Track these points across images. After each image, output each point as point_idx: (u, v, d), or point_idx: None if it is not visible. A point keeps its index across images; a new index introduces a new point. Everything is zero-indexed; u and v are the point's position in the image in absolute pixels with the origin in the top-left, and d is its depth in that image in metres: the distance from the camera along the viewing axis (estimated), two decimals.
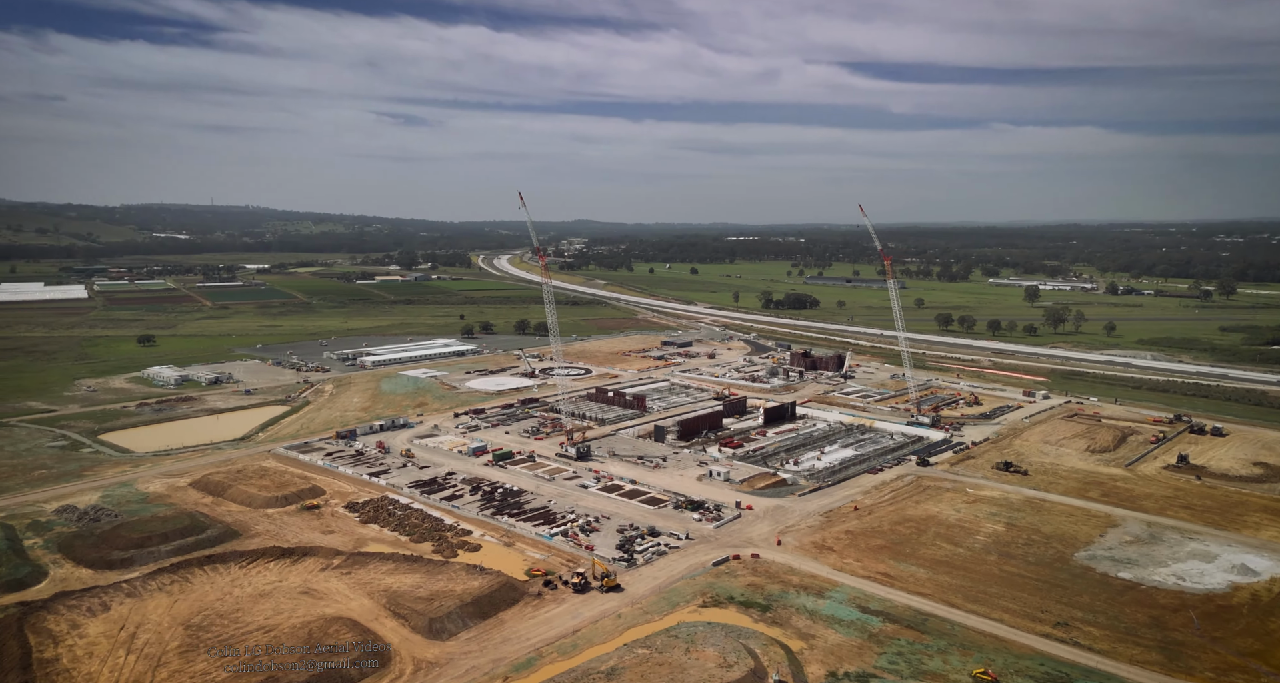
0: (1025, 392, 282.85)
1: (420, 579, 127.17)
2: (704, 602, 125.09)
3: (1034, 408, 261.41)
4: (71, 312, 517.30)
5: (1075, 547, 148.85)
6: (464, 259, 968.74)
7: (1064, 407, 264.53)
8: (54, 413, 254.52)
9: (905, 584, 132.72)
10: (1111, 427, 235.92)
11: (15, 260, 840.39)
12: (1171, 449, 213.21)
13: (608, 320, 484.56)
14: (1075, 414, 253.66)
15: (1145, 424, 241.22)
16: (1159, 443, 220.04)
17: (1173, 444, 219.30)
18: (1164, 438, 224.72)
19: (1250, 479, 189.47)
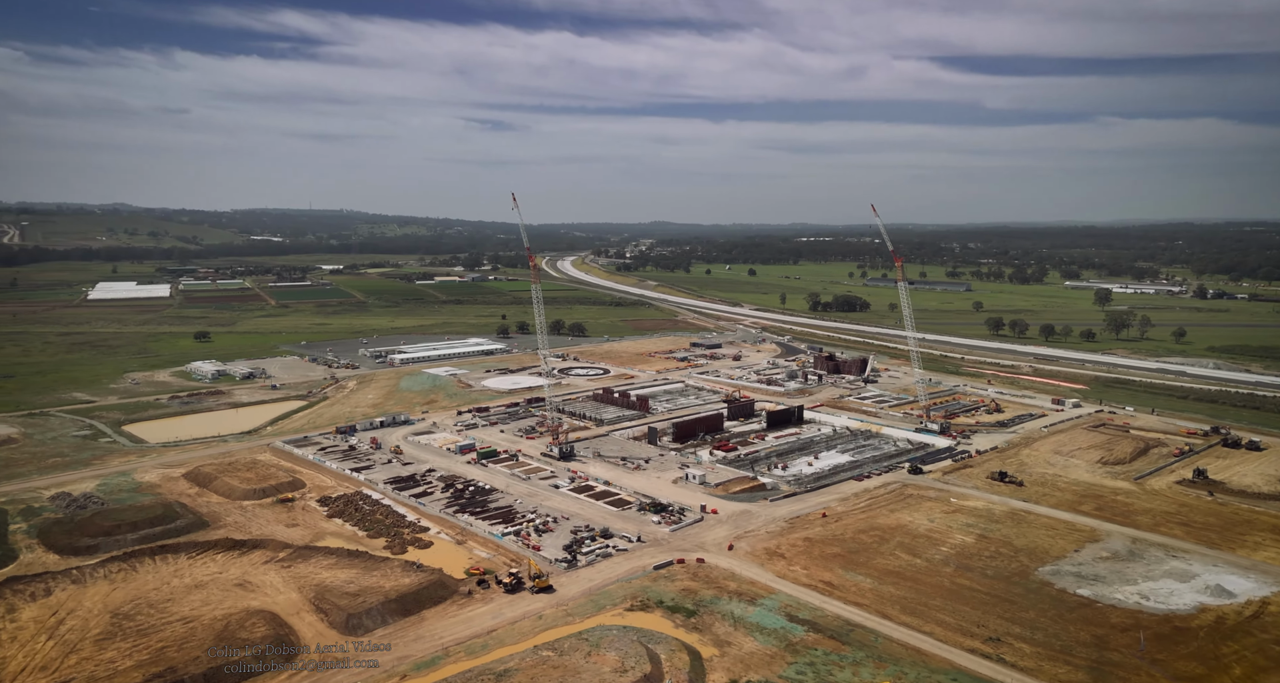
0: (1055, 400, 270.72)
1: (355, 575, 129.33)
2: (631, 606, 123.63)
3: (1058, 417, 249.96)
4: (149, 309, 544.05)
5: (1043, 561, 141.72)
6: (527, 261, 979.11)
7: (1092, 416, 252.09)
8: (92, 404, 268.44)
9: (845, 594, 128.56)
10: (1137, 438, 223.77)
11: (122, 261, 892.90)
12: (1194, 463, 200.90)
13: (646, 321, 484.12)
14: (1102, 425, 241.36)
15: (1176, 436, 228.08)
16: (1182, 456, 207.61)
17: (1197, 458, 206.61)
18: (1189, 451, 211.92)
19: (1269, 497, 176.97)
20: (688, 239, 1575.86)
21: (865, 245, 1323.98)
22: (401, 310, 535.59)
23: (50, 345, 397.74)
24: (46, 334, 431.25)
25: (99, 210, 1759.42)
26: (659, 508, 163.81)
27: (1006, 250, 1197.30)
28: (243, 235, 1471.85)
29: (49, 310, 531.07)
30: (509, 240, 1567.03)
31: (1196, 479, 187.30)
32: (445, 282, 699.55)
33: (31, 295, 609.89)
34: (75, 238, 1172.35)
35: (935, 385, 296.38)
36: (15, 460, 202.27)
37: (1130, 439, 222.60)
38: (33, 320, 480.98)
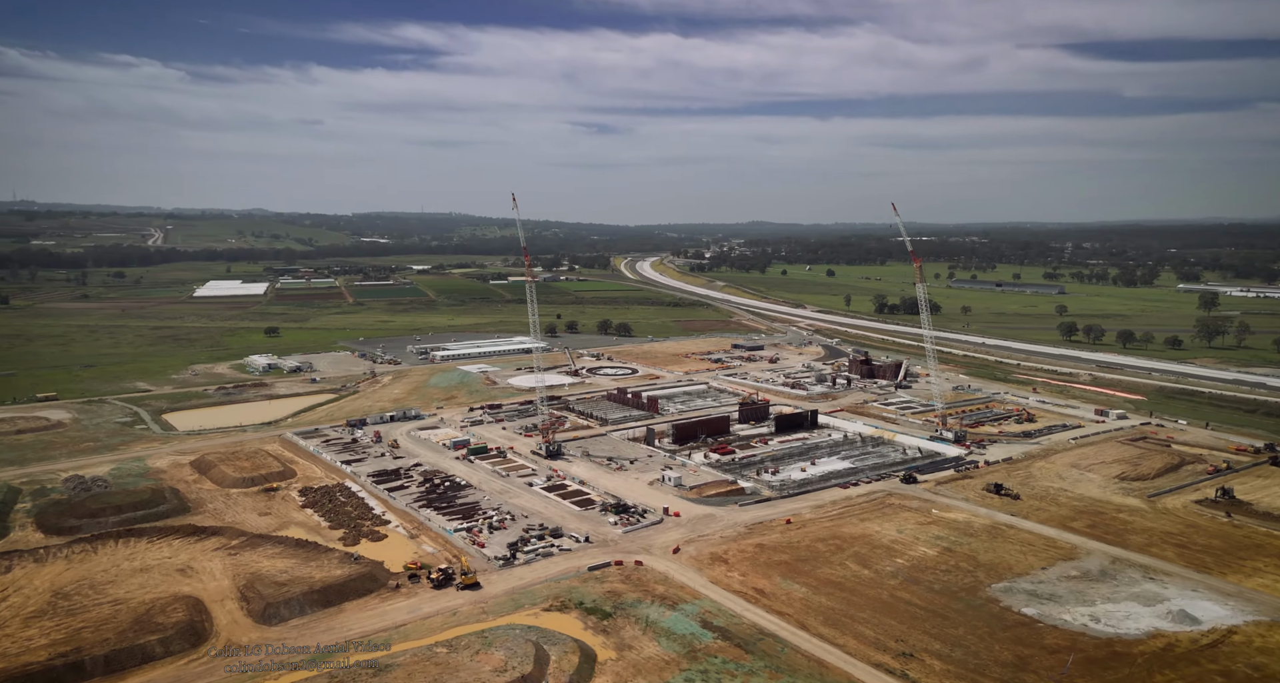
0: (1098, 410, 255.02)
1: (293, 564, 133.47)
2: (550, 606, 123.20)
3: (1096, 428, 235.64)
4: (240, 306, 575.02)
5: (1000, 578, 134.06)
6: (604, 261, 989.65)
7: (1135, 429, 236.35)
8: (148, 393, 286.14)
9: (772, 603, 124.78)
10: (1173, 453, 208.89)
11: (240, 261, 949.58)
12: (1227, 482, 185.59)
13: (698, 322, 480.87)
14: (1142, 438, 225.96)
15: (1222, 452, 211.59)
16: (1216, 474, 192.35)
17: (1234, 477, 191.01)
18: (1226, 469, 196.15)
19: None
20: (779, 239, 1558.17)
21: (964, 245, 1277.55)
22: (465, 309, 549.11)
23: (140, 338, 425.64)
24: (141, 327, 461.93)
25: (236, 215, 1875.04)
26: (620, 509, 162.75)
27: (1125, 250, 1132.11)
28: (354, 237, 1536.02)
29: (156, 306, 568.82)
30: (602, 241, 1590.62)
31: (1219, 499, 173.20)
32: (517, 282, 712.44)
33: (149, 292, 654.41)
34: (208, 240, 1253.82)
35: (972, 393, 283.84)
36: (54, 444, 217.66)
37: (1165, 454, 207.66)
38: (139, 315, 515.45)
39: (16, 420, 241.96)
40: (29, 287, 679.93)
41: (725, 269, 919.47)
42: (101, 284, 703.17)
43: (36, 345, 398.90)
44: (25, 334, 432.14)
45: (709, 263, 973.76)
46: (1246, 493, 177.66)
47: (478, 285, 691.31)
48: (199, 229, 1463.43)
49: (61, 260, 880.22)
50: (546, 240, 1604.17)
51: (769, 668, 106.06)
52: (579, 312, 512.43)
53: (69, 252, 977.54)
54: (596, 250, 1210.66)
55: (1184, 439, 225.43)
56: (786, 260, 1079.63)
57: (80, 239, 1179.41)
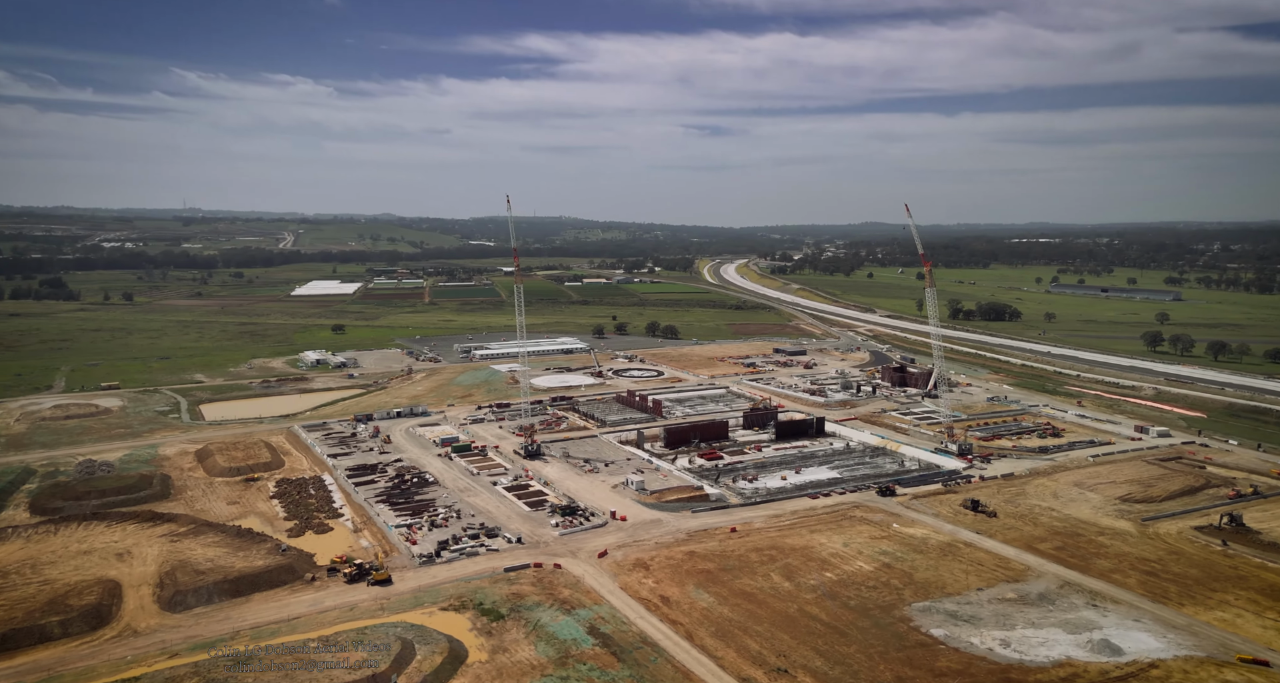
0: (1137, 427, 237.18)
1: (223, 553, 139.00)
2: (447, 605, 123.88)
3: (1126, 446, 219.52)
4: (325, 304, 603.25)
5: (928, 596, 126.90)
6: (688, 263, 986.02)
7: (1172, 448, 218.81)
8: (199, 384, 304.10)
9: (670, 612, 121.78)
10: (1200, 475, 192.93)
11: (351, 263, 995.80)
12: (1246, 508, 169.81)
13: (752, 325, 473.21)
14: (1177, 458, 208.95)
15: (1263, 477, 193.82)
16: (1237, 499, 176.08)
17: (1255, 503, 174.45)
18: (1250, 494, 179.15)
19: None
20: (885, 241, 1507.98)
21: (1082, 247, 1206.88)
22: (528, 309, 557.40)
23: (223, 333, 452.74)
24: (228, 323, 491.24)
25: (363, 219, 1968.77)
26: (568, 511, 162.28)
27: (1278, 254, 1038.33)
28: (463, 240, 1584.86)
29: (254, 303, 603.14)
30: (700, 244, 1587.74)
31: (1224, 526, 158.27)
32: (590, 284, 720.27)
33: (255, 291, 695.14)
34: (331, 243, 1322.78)
35: (1007, 404, 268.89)
36: (91, 429, 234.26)
37: (1188, 476, 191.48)
38: (234, 312, 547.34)
39: (71, 407, 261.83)
40: (159, 285, 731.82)
41: (808, 271, 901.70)
42: (220, 283, 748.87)
43: (132, 338, 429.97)
44: (129, 328, 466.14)
45: (793, 265, 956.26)
46: (1260, 521, 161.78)
47: (551, 287, 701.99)
48: (326, 233, 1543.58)
49: (197, 261, 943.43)
50: (643, 243, 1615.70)
51: (633, 678, 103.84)
52: (636, 313, 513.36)
53: (206, 253, 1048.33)
54: (691, 252, 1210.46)
55: (1224, 461, 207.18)
56: (880, 263, 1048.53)
57: (224, 242, 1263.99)
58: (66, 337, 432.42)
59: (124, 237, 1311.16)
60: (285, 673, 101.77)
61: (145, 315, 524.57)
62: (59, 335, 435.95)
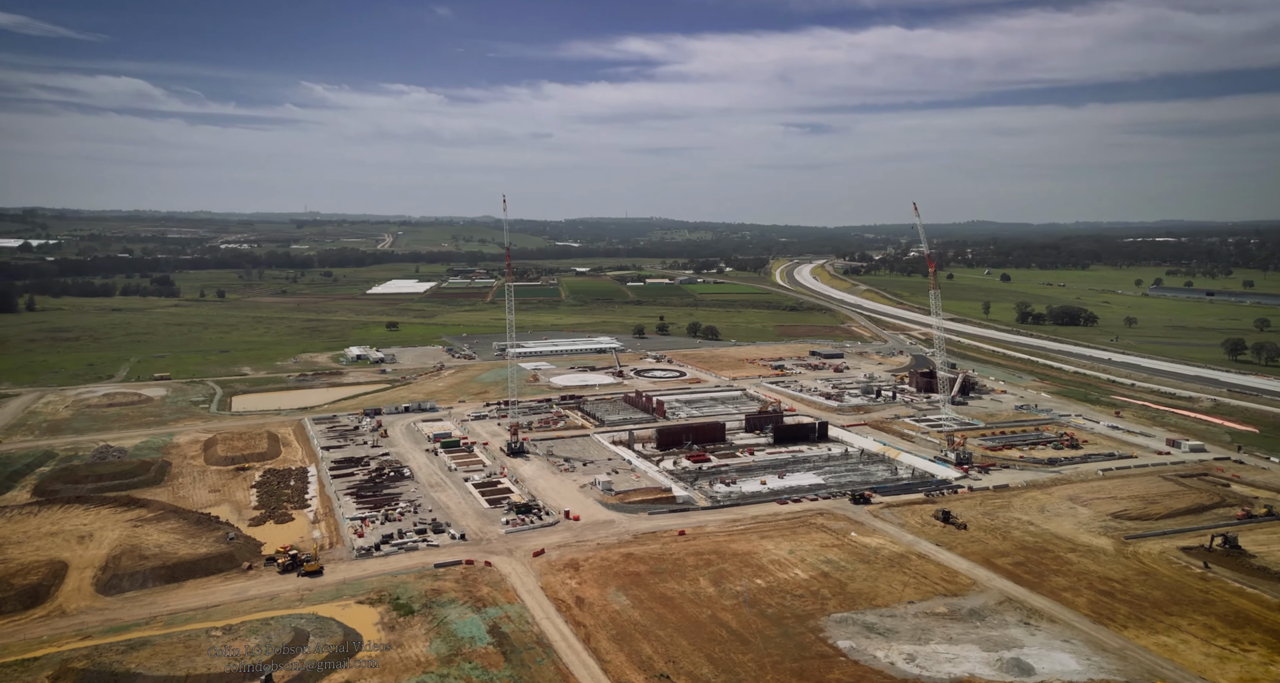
0: (1170, 440, 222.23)
1: (174, 540, 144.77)
2: (364, 599, 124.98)
3: (1148, 460, 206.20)
4: (393, 302, 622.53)
5: (852, 607, 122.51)
6: (761, 263, 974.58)
7: (1201, 464, 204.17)
8: (242, 377, 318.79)
9: (579, 614, 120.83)
10: (1218, 493, 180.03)
11: (437, 263, 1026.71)
12: (1251, 531, 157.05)
13: (802, 327, 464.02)
14: (1201, 474, 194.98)
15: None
16: (1247, 520, 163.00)
17: (1267, 525, 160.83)
18: (1263, 515, 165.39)
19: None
20: (984, 239, 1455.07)
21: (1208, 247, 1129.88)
22: (583, 308, 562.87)
23: (288, 329, 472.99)
24: (296, 320, 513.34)
25: (462, 222, 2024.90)
26: (524, 510, 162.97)
27: None
28: (551, 241, 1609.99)
29: (329, 300, 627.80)
30: (788, 244, 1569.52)
31: (1214, 547, 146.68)
32: (653, 283, 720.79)
33: (336, 289, 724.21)
34: (425, 244, 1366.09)
35: (1035, 412, 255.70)
36: (126, 417, 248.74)
37: (1202, 493, 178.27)
38: (308, 308, 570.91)
39: (118, 395, 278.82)
40: (253, 283, 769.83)
41: (884, 272, 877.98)
42: (308, 282, 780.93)
43: (206, 332, 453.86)
44: (208, 322, 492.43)
45: (869, 266, 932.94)
46: (1260, 544, 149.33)
47: (611, 287, 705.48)
48: (423, 234, 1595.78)
49: (295, 261, 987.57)
50: (727, 243, 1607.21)
51: (511, 678, 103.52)
52: (686, 314, 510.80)
53: (307, 254, 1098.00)
54: (775, 252, 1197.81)
55: (1254, 479, 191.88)
56: (968, 263, 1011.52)
57: (328, 244, 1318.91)
58: (150, 330, 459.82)
59: (243, 238, 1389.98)
60: (169, 660, 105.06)
61: (228, 311, 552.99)
62: (144, 329, 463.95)
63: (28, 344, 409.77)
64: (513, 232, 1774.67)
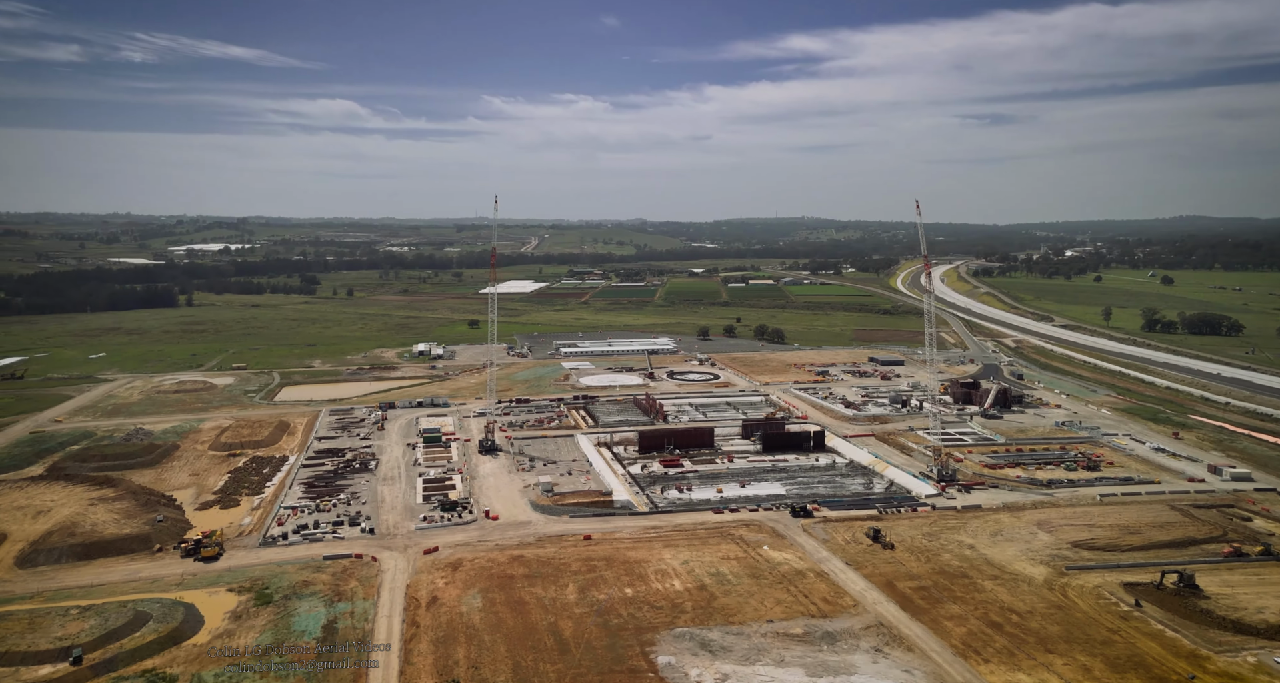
0: (1211, 467, 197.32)
1: (114, 518, 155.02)
2: (236, 587, 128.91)
3: (1164, 487, 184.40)
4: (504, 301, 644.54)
5: (703, 623, 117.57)
6: (887, 264, 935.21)
7: (1231, 494, 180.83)
8: (307, 369, 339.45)
9: (424, 615, 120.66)
10: (1220, 526, 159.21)
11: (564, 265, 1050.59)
12: (1229, 571, 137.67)
13: (882, 331, 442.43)
14: (1224, 505, 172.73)
15: None
16: (1234, 557, 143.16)
17: (1254, 566, 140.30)
18: (1257, 556, 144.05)
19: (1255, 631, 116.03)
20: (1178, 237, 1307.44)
21: None
22: (668, 310, 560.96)
23: (383, 325, 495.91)
24: (394, 317, 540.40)
25: (610, 224, 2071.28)
26: (448, 507, 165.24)
27: None
28: (687, 243, 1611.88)
29: (439, 299, 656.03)
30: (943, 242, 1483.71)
31: (1165, 585, 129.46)
32: (755, 284, 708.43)
33: (453, 289, 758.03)
34: (566, 246, 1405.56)
35: (1073, 430, 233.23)
36: (182, 402, 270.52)
37: (1204, 526, 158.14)
38: (415, 307, 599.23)
39: (189, 382, 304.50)
40: (385, 283, 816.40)
41: (1020, 275, 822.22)
42: (436, 282, 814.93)
43: (311, 327, 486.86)
44: (320, 318, 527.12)
45: (1006, 267, 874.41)
46: (1226, 586, 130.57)
47: (710, 288, 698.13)
48: (568, 237, 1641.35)
49: (434, 263, 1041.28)
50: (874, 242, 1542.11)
51: (306, 676, 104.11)
52: (769, 315, 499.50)
53: (450, 255, 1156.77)
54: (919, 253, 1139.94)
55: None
56: (1132, 265, 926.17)
57: (478, 246, 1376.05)
58: (267, 325, 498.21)
59: (406, 242, 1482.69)
60: (10, 633, 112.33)
61: (344, 308, 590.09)
62: (262, 323, 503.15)
63: (161, 335, 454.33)
64: (654, 233, 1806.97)
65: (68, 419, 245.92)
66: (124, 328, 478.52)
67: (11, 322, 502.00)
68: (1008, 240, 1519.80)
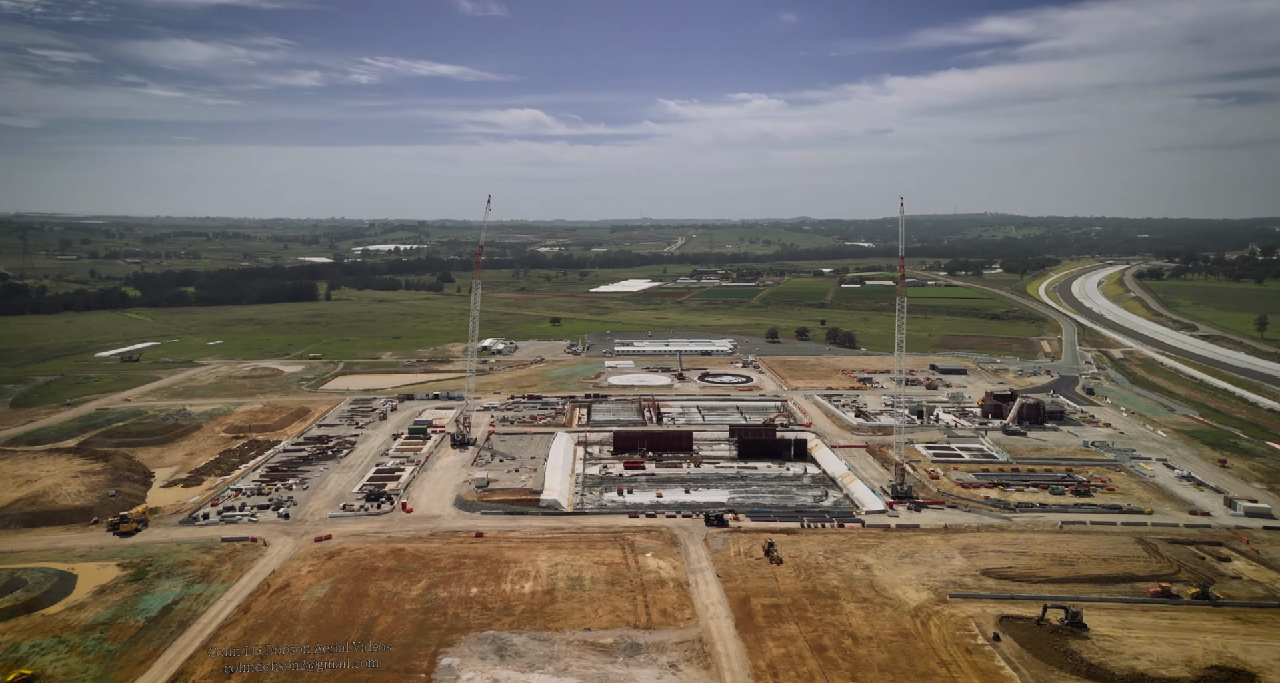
0: (1227, 500, 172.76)
1: (81, 491, 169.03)
2: (127, 562, 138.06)
3: (1146, 519, 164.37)
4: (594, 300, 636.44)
5: (522, 626, 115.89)
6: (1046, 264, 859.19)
7: (1227, 530, 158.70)
8: (372, 360, 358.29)
9: (261, 601, 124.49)
10: (1180, 565, 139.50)
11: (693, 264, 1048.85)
12: (1137, 613, 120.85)
13: (975, 338, 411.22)
14: (1208, 543, 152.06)
15: None
16: (1161, 597, 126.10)
17: (1178, 609, 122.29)
18: (1191, 599, 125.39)
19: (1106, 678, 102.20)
20: None
21: None
22: (757, 311, 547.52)
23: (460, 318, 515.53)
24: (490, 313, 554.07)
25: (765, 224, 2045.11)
26: (372, 497, 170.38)
27: None
28: (839, 241, 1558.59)
29: (544, 297, 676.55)
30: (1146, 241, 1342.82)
31: (1044, 621, 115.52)
32: (872, 285, 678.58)
33: (566, 288, 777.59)
34: (708, 245, 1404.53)
35: (1099, 451, 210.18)
36: (242, 387, 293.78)
37: (1158, 563, 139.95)
38: (519, 304, 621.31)
39: (261, 369, 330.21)
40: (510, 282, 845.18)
41: (1195, 277, 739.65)
42: (557, 281, 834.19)
43: (407, 321, 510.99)
44: (421, 313, 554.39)
45: (1183, 268, 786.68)
46: (1120, 628, 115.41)
47: (818, 288, 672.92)
48: (716, 236, 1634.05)
49: (569, 262, 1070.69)
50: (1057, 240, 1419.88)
51: (104, 654, 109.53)
52: (861, 319, 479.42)
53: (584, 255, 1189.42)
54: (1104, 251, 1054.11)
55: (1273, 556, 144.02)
56: None
57: (624, 246, 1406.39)
58: (374, 318, 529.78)
59: (558, 242, 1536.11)
60: None
61: (454, 304, 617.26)
62: (372, 317, 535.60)
63: (283, 326, 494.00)
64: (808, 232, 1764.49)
65: (136, 399, 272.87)
66: (257, 319, 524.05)
67: (176, 311, 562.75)
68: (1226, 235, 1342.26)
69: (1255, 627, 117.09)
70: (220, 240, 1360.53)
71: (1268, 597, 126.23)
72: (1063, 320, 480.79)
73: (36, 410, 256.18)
